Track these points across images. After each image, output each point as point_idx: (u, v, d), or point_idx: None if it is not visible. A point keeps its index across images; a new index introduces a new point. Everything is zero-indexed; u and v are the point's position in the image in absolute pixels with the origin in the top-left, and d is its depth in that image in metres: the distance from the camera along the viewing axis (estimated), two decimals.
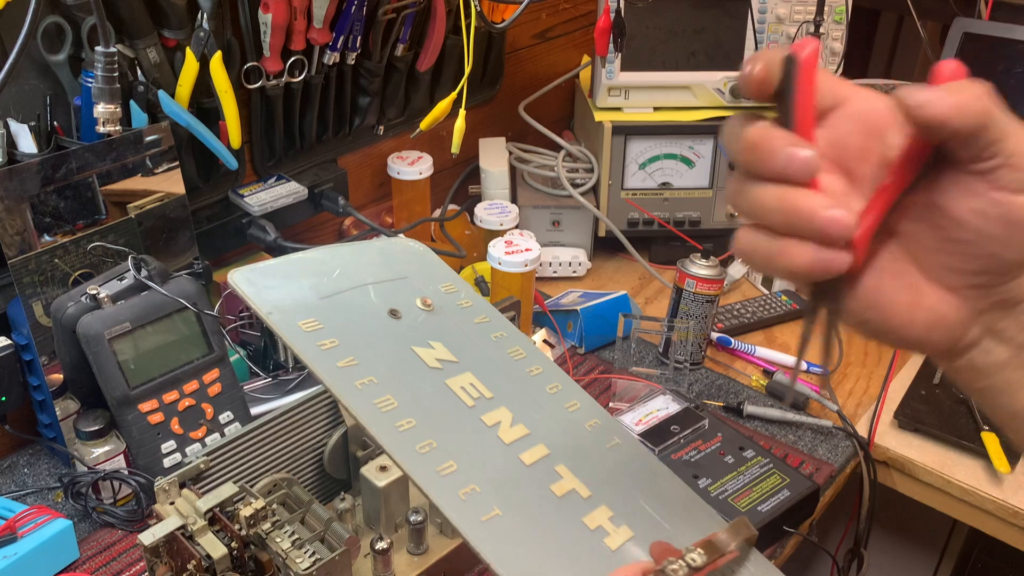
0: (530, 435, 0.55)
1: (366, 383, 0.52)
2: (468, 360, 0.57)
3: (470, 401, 0.55)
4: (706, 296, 1.23)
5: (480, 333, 0.60)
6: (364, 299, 0.57)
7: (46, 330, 0.97)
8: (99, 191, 1.00)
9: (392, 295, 0.58)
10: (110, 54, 0.89)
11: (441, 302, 0.60)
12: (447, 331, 0.58)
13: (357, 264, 0.59)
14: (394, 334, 0.56)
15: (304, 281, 0.56)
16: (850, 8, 1.42)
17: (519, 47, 1.60)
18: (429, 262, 0.63)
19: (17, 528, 0.89)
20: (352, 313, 0.55)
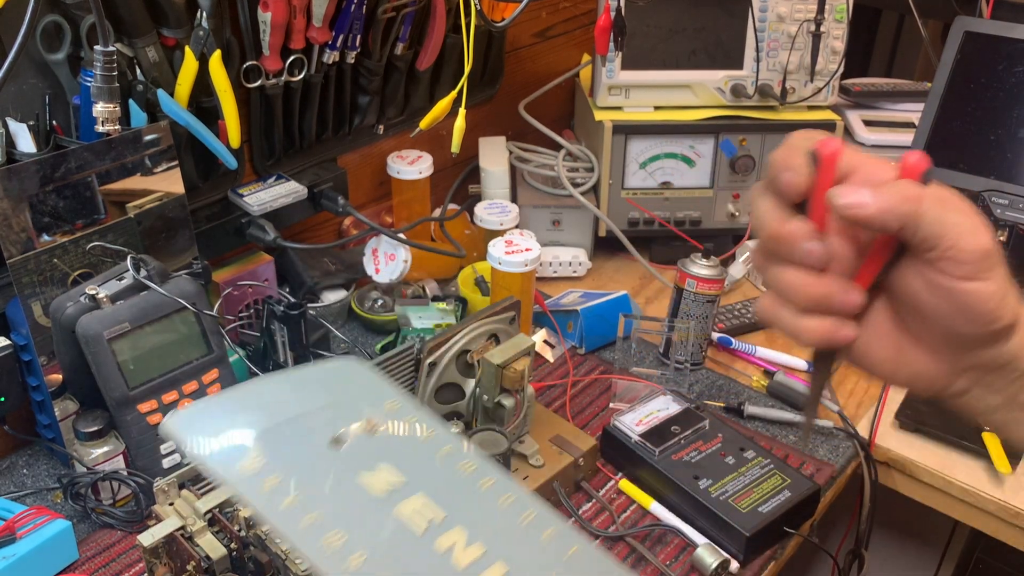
0: (487, 553, 0.54)
1: (312, 520, 0.51)
2: (417, 481, 0.56)
3: (422, 526, 0.54)
4: (707, 296, 1.23)
5: (428, 450, 0.59)
6: (305, 430, 0.56)
7: (45, 330, 0.97)
8: (98, 191, 1.00)
9: (334, 421, 0.57)
10: (109, 53, 0.89)
11: (385, 423, 0.59)
12: (393, 452, 0.57)
13: (297, 393, 0.59)
14: (338, 463, 0.55)
15: (242, 418, 0.56)
16: (851, 7, 1.41)
17: (519, 46, 1.60)
18: (372, 381, 0.62)
19: (16, 529, 0.88)
20: (293, 447, 0.55)
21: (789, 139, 0.49)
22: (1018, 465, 1.09)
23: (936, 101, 1.18)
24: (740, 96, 1.45)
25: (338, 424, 0.57)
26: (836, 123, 1.45)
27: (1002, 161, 1.13)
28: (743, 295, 1.45)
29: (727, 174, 1.47)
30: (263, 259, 1.25)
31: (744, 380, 1.25)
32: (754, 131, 1.46)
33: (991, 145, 1.14)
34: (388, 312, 1.32)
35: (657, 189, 1.48)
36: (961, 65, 1.16)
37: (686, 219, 1.50)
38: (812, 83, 1.45)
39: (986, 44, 1.17)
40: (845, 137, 1.48)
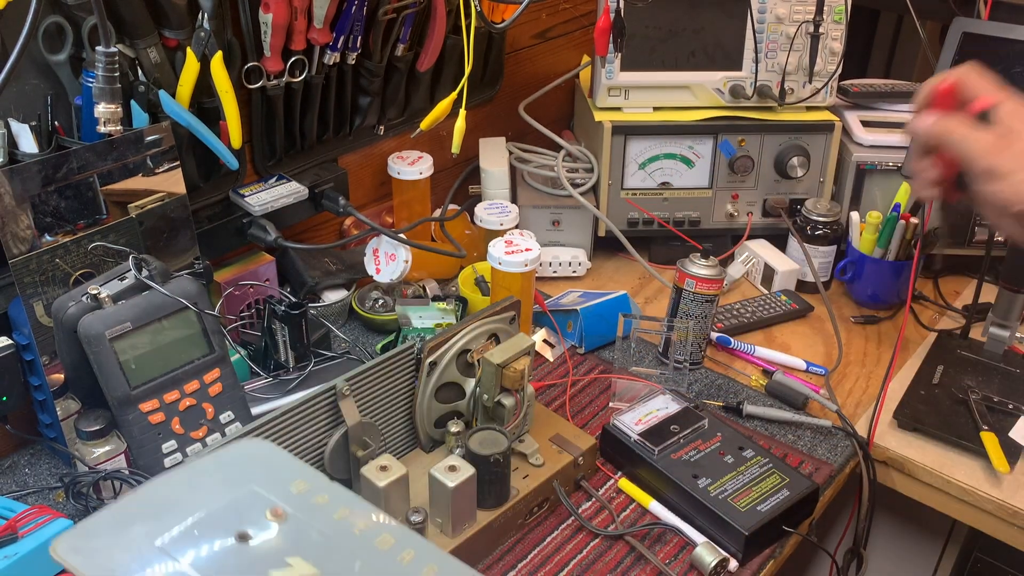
0: None
1: None
2: (331, 568, 0.53)
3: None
4: (706, 296, 1.23)
5: (341, 531, 0.56)
6: (206, 531, 0.53)
7: (47, 330, 0.97)
8: (100, 191, 1.00)
9: (238, 515, 0.54)
10: (111, 54, 0.89)
11: (293, 506, 0.56)
12: (303, 540, 0.54)
13: (196, 490, 0.55)
14: (246, 562, 0.52)
15: (136, 530, 0.52)
16: (849, 8, 1.42)
17: (519, 47, 1.60)
18: (274, 461, 0.59)
19: (18, 528, 0.89)
20: (196, 551, 0.51)
21: (933, 78, 0.79)
22: (1016, 464, 1.10)
23: None
24: (739, 97, 1.45)
25: (243, 517, 0.54)
26: (834, 124, 1.45)
27: None
28: (742, 295, 1.45)
29: (726, 174, 1.48)
30: (264, 259, 1.25)
31: (743, 379, 1.25)
32: (753, 132, 1.46)
33: None
34: (389, 312, 1.32)
35: (656, 189, 1.48)
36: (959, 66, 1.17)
37: (685, 219, 1.50)
38: (811, 84, 1.45)
39: (984, 45, 1.17)
40: (844, 138, 1.48)
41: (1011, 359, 1.26)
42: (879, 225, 1.38)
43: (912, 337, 1.35)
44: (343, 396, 0.92)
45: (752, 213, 1.51)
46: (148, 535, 0.51)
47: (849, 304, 1.44)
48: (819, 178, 1.49)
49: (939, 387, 1.21)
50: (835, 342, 1.32)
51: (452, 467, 0.90)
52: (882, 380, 1.24)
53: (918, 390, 1.21)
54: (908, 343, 1.33)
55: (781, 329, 1.37)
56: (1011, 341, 1.26)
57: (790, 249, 1.48)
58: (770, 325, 1.37)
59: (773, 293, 1.44)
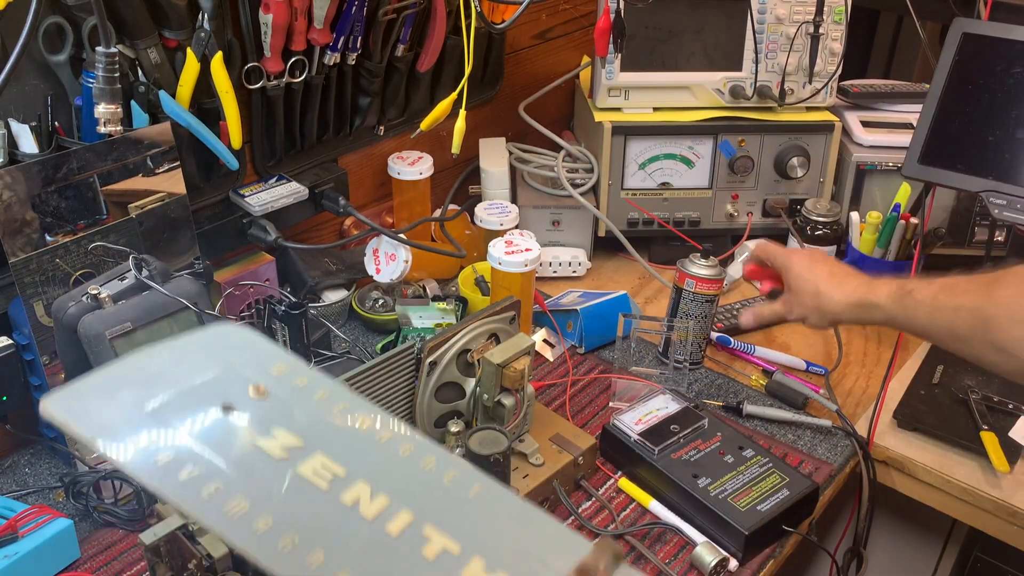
0: (392, 504, 0.53)
1: (213, 491, 0.50)
2: (315, 441, 0.55)
3: (324, 484, 0.53)
4: (706, 296, 1.23)
5: (322, 410, 0.58)
6: (192, 401, 0.55)
7: (47, 330, 0.97)
8: (100, 191, 1.00)
9: (222, 390, 0.56)
10: (111, 54, 0.90)
11: (275, 386, 0.58)
12: (287, 415, 0.56)
13: (179, 365, 0.57)
14: (232, 431, 0.54)
15: (125, 395, 0.53)
16: (849, 8, 1.42)
17: (519, 47, 1.61)
18: (255, 346, 0.61)
19: (18, 528, 0.89)
20: (184, 419, 0.53)
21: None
22: (1016, 464, 1.10)
23: (934, 102, 1.18)
24: (739, 97, 1.45)
25: (227, 392, 0.56)
26: (834, 124, 1.45)
27: (1000, 162, 1.13)
28: (742, 295, 1.45)
29: (726, 175, 1.48)
30: (264, 259, 1.25)
31: (743, 379, 1.25)
32: (753, 132, 1.46)
33: (989, 146, 1.14)
34: (389, 312, 1.32)
35: (656, 190, 1.48)
36: (959, 66, 1.17)
37: (685, 219, 1.50)
38: (811, 84, 1.45)
39: (984, 45, 1.17)
40: (844, 138, 1.48)
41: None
42: (879, 225, 1.38)
43: (912, 337, 1.35)
44: None
45: (752, 213, 1.51)
46: (137, 401, 0.53)
47: None
48: (819, 178, 1.49)
49: (939, 387, 1.21)
50: (835, 342, 1.32)
51: None
52: (882, 380, 1.24)
53: (918, 390, 1.21)
54: (908, 342, 1.33)
55: (781, 329, 1.37)
56: None
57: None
58: (770, 325, 1.37)
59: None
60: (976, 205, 1.42)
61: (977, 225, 1.44)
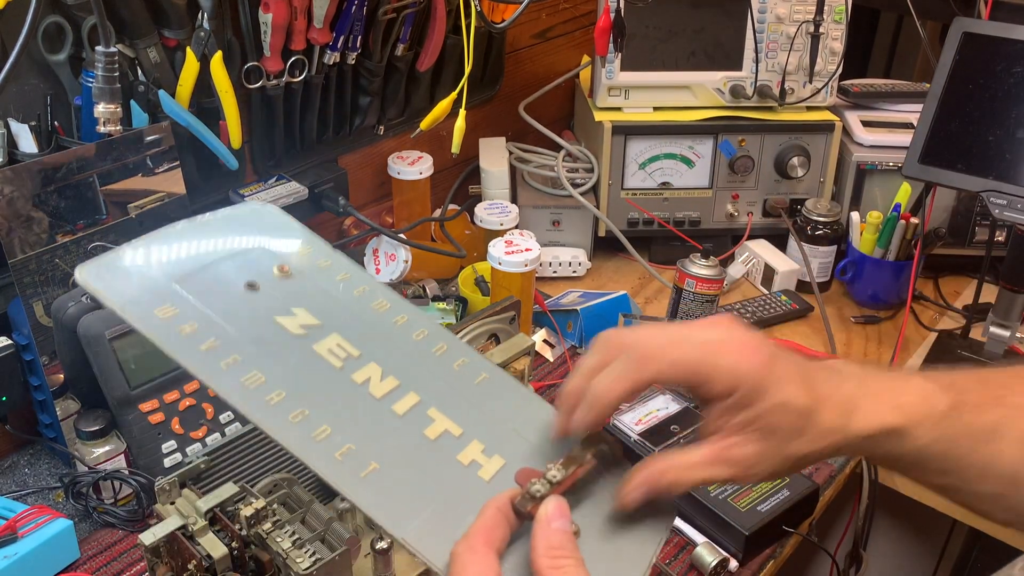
0: (400, 386, 0.56)
1: (231, 363, 0.52)
2: (332, 321, 0.57)
3: (338, 363, 0.55)
4: (706, 296, 1.23)
5: (342, 291, 0.60)
6: (219, 276, 0.56)
7: (47, 330, 0.97)
8: (99, 191, 1.00)
9: (248, 267, 0.58)
10: (110, 54, 0.89)
11: (299, 265, 0.60)
12: (308, 295, 0.58)
13: (207, 239, 0.59)
14: (254, 307, 0.55)
15: (154, 267, 0.55)
16: (850, 8, 1.42)
17: (519, 47, 1.60)
18: (284, 224, 0.62)
19: (18, 528, 0.89)
20: (208, 293, 0.55)
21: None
22: None
23: (935, 102, 1.18)
24: (739, 97, 1.45)
25: (252, 269, 0.57)
26: (835, 124, 1.45)
27: (1001, 161, 1.13)
28: (742, 295, 1.45)
29: (726, 174, 1.48)
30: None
31: None
32: (753, 132, 1.46)
33: (990, 146, 1.14)
34: None
35: (656, 189, 1.48)
36: (960, 66, 1.16)
37: (685, 219, 1.50)
38: (811, 84, 1.45)
39: (985, 45, 1.17)
40: (844, 138, 1.48)
41: (1012, 359, 1.26)
42: (879, 225, 1.38)
43: (913, 337, 1.35)
44: None
45: (752, 213, 1.51)
46: (166, 273, 0.55)
47: (850, 304, 1.44)
48: (819, 178, 1.49)
49: None
50: (835, 343, 1.32)
51: None
52: None
53: None
54: (909, 343, 1.33)
55: (781, 329, 1.37)
56: (1012, 341, 1.26)
57: (790, 249, 1.48)
58: (770, 325, 1.37)
59: (773, 293, 1.44)
60: (977, 205, 1.42)
61: (978, 225, 1.44)
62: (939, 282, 1.49)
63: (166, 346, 0.51)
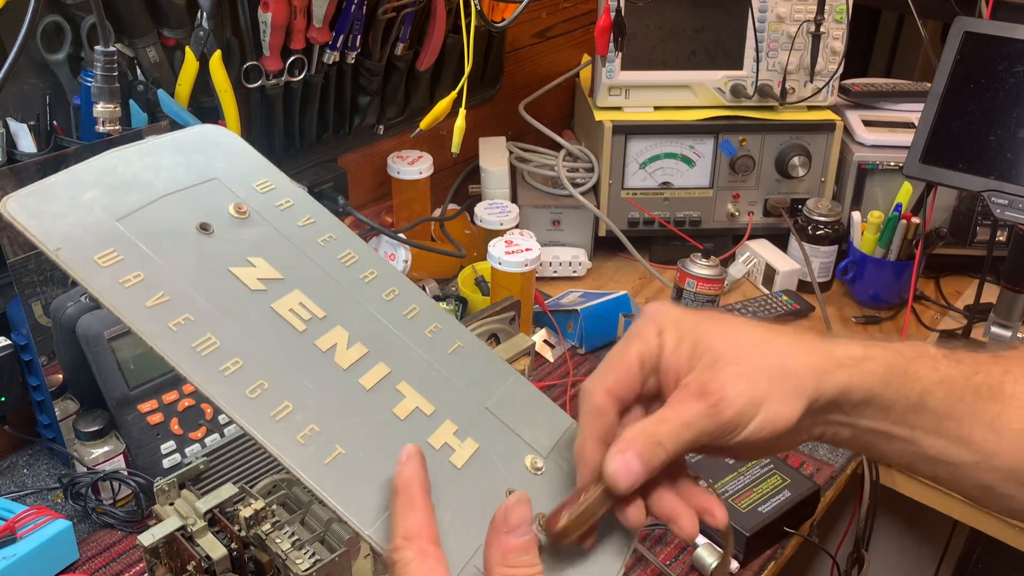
0: (369, 354, 0.50)
1: (181, 323, 0.45)
2: (294, 275, 0.50)
3: (301, 325, 0.48)
4: (706, 296, 1.23)
5: (305, 239, 0.53)
6: (167, 215, 0.48)
7: (46, 330, 0.97)
8: None
9: (200, 204, 0.50)
10: (109, 53, 0.89)
11: (258, 205, 0.52)
12: (267, 242, 0.51)
13: (154, 170, 0.50)
14: (207, 255, 0.48)
15: (94, 200, 0.46)
16: (850, 7, 1.41)
17: (519, 46, 1.60)
18: (237, 154, 0.55)
19: (17, 529, 0.88)
20: (156, 235, 0.47)
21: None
22: None
23: (936, 101, 1.18)
24: (740, 96, 1.45)
25: (205, 207, 0.50)
26: (836, 123, 1.45)
27: (1002, 161, 1.13)
28: (743, 295, 1.45)
29: (727, 174, 1.47)
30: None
31: None
32: (754, 131, 1.46)
33: (991, 145, 1.14)
34: None
35: (657, 189, 1.48)
36: (961, 65, 1.16)
37: (686, 219, 1.50)
38: (812, 83, 1.45)
39: (986, 44, 1.16)
40: (845, 137, 1.48)
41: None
42: (880, 225, 1.38)
43: (914, 337, 1.35)
44: None
45: (753, 213, 1.51)
46: (107, 209, 0.47)
47: (851, 304, 1.44)
48: (820, 178, 1.48)
49: None
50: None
51: None
52: None
53: None
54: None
55: None
56: (1013, 341, 1.25)
57: (791, 249, 1.47)
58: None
59: (774, 293, 1.43)
60: (978, 205, 1.41)
61: (979, 225, 1.43)
62: (940, 282, 1.49)
63: (106, 300, 0.44)
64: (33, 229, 0.44)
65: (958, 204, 1.43)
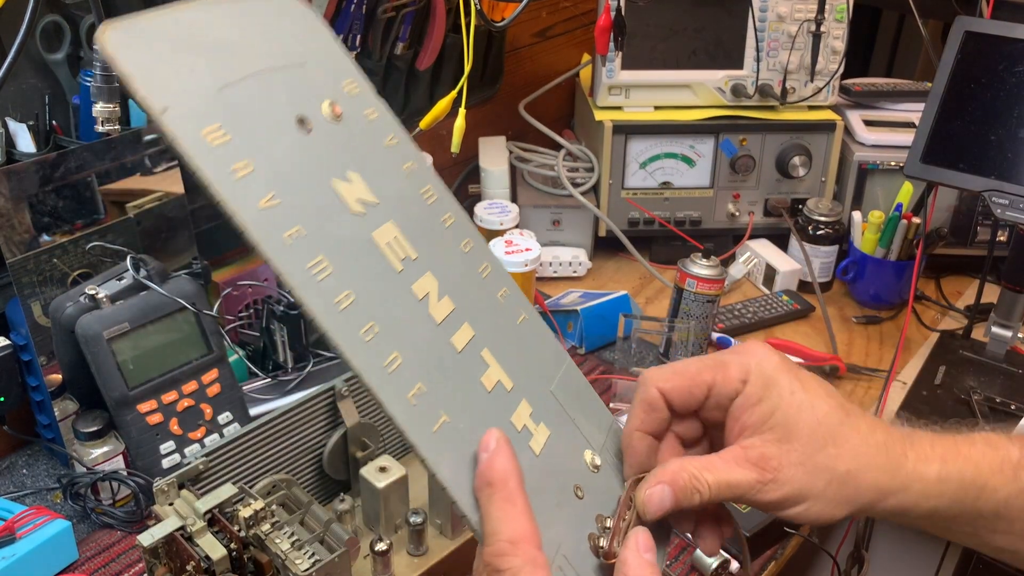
0: (456, 311, 0.45)
1: (294, 235, 0.40)
2: (388, 203, 0.45)
3: (398, 265, 0.44)
4: (707, 296, 1.23)
5: (392, 162, 0.47)
6: (267, 95, 0.42)
7: (45, 330, 0.97)
8: (98, 191, 0.99)
9: (295, 93, 0.43)
10: None
11: (348, 109, 0.46)
12: (361, 156, 0.45)
13: (250, 36, 0.42)
14: (309, 159, 0.42)
15: (198, 57, 0.39)
16: (851, 7, 1.41)
17: (519, 46, 1.60)
18: (324, 41, 0.47)
19: (16, 529, 0.88)
20: (258, 119, 0.40)
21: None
22: None
23: (936, 101, 1.17)
24: (740, 96, 1.44)
25: (300, 97, 0.44)
26: (836, 123, 1.45)
27: (1003, 161, 1.13)
28: (743, 295, 1.45)
29: (727, 174, 1.47)
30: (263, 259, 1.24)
31: None
32: (754, 131, 1.45)
33: (991, 145, 1.14)
34: None
35: (657, 189, 1.48)
36: (961, 65, 1.16)
37: (686, 219, 1.50)
38: (812, 83, 1.45)
39: (987, 44, 1.16)
40: (846, 137, 1.48)
41: (1014, 359, 1.26)
42: (881, 225, 1.38)
43: (914, 337, 1.35)
44: (342, 397, 0.91)
45: (753, 213, 1.51)
46: (209, 70, 0.39)
47: (851, 304, 1.44)
48: (821, 178, 1.48)
49: (941, 388, 1.21)
50: (837, 343, 1.32)
51: None
52: (884, 380, 1.24)
53: (920, 391, 1.21)
54: (910, 343, 1.33)
55: (783, 329, 1.37)
56: (1013, 341, 1.25)
57: (791, 249, 1.47)
58: (771, 325, 1.37)
59: (775, 293, 1.43)
60: (979, 205, 1.41)
61: (980, 225, 1.43)
62: (941, 282, 1.49)
63: (217, 189, 0.38)
64: (136, 77, 0.36)
65: (959, 204, 1.43)
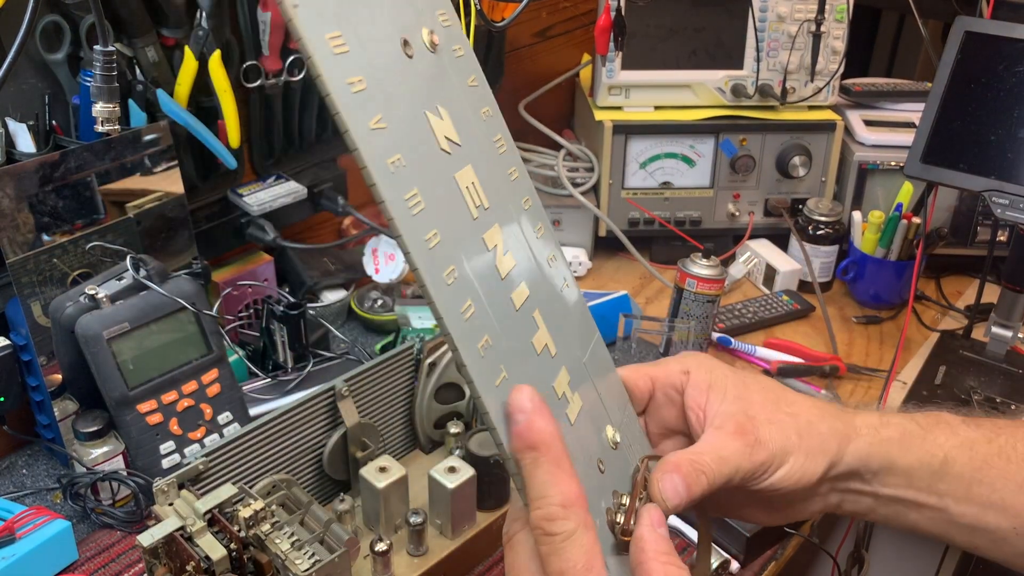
0: (516, 267, 0.45)
1: (396, 163, 0.39)
2: (468, 145, 0.45)
3: (475, 211, 0.43)
4: (707, 296, 1.23)
5: (472, 104, 0.47)
6: (377, 11, 0.41)
7: (45, 330, 0.97)
8: (98, 191, 0.99)
9: (402, 13, 0.43)
10: (109, 53, 0.89)
11: (442, 40, 0.45)
12: (449, 92, 0.45)
13: None
14: (410, 86, 0.42)
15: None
16: (851, 7, 1.41)
17: (519, 45, 1.60)
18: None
19: (16, 529, 0.88)
20: (370, 33, 0.40)
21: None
22: None
23: (936, 101, 1.17)
24: (740, 96, 1.44)
25: (403, 19, 0.43)
26: (836, 123, 1.45)
27: (1003, 161, 1.13)
28: (743, 295, 1.45)
29: (727, 174, 1.47)
30: (263, 259, 1.25)
31: None
32: (754, 131, 1.45)
33: (991, 145, 1.14)
34: (388, 312, 1.31)
35: (657, 189, 1.48)
36: (961, 65, 1.16)
37: (686, 219, 1.50)
38: (812, 83, 1.45)
39: (987, 44, 1.16)
40: (846, 137, 1.48)
41: (1014, 359, 1.26)
42: (881, 225, 1.38)
43: (914, 337, 1.35)
44: (342, 397, 0.91)
45: (753, 213, 1.51)
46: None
47: (851, 304, 1.44)
48: (821, 177, 1.48)
49: (942, 388, 1.21)
50: (837, 343, 1.32)
51: (452, 468, 0.89)
52: (884, 380, 1.24)
53: (921, 391, 1.21)
54: (910, 343, 1.33)
55: (783, 329, 1.37)
56: (1014, 341, 1.25)
57: (792, 249, 1.47)
58: (771, 325, 1.37)
59: (775, 293, 1.43)
60: (979, 205, 1.41)
61: (980, 225, 1.43)
62: (941, 282, 1.49)
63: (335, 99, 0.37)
64: (312, 40, 0.36)
65: (959, 204, 1.43)
